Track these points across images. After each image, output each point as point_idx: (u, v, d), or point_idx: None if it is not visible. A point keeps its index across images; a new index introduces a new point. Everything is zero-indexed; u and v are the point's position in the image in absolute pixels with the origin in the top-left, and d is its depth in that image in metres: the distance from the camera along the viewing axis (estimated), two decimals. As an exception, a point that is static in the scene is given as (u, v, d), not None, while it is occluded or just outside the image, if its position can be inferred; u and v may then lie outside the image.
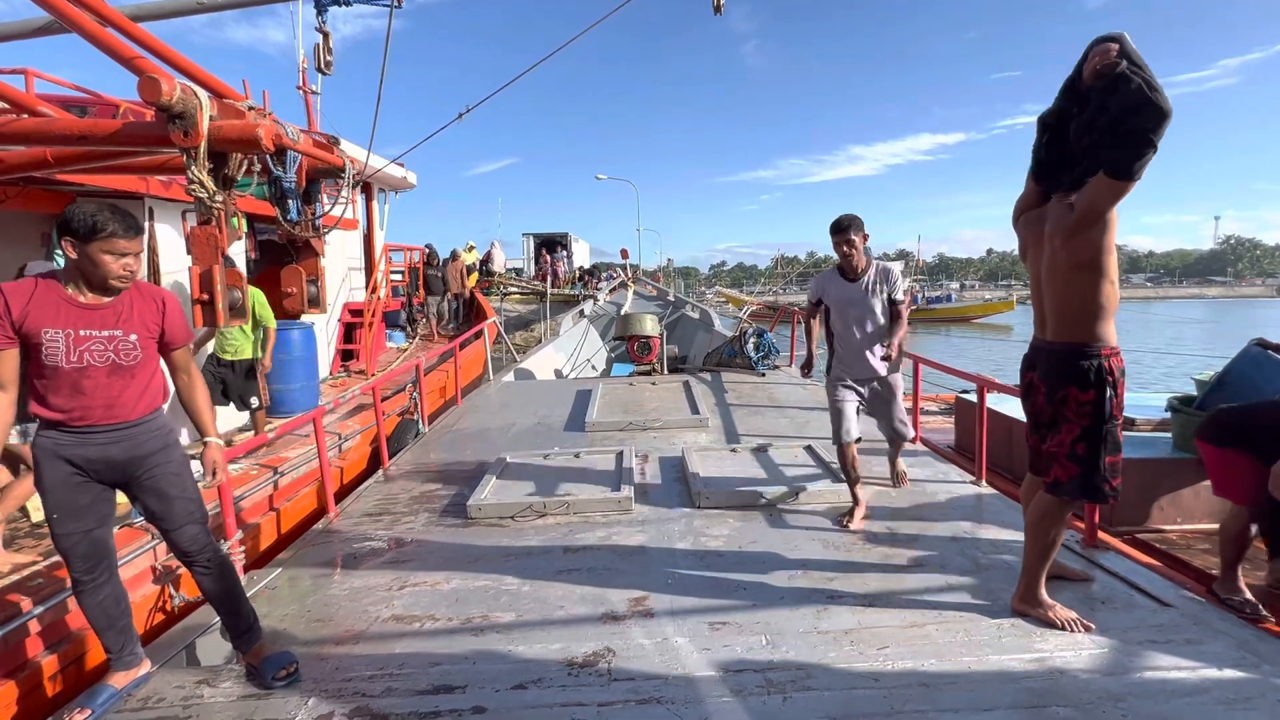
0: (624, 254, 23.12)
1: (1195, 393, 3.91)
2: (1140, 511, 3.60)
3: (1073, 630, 2.34)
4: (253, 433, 5.01)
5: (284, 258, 3.36)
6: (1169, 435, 3.91)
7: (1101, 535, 3.18)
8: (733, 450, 4.65)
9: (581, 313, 13.51)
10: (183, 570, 3.12)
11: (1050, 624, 2.37)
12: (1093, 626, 2.36)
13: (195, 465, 2.34)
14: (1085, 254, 2.20)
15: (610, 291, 15.62)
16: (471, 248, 18.15)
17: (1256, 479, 2.76)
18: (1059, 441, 2.32)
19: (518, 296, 19.93)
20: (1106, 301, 2.24)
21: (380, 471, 4.67)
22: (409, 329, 10.68)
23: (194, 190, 2.44)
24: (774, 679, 2.11)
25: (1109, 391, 2.23)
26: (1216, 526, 2.95)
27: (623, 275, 17.88)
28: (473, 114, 4.99)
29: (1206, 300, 69.28)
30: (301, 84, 8.56)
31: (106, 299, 2.08)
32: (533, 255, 26.22)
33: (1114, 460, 2.27)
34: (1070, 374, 2.28)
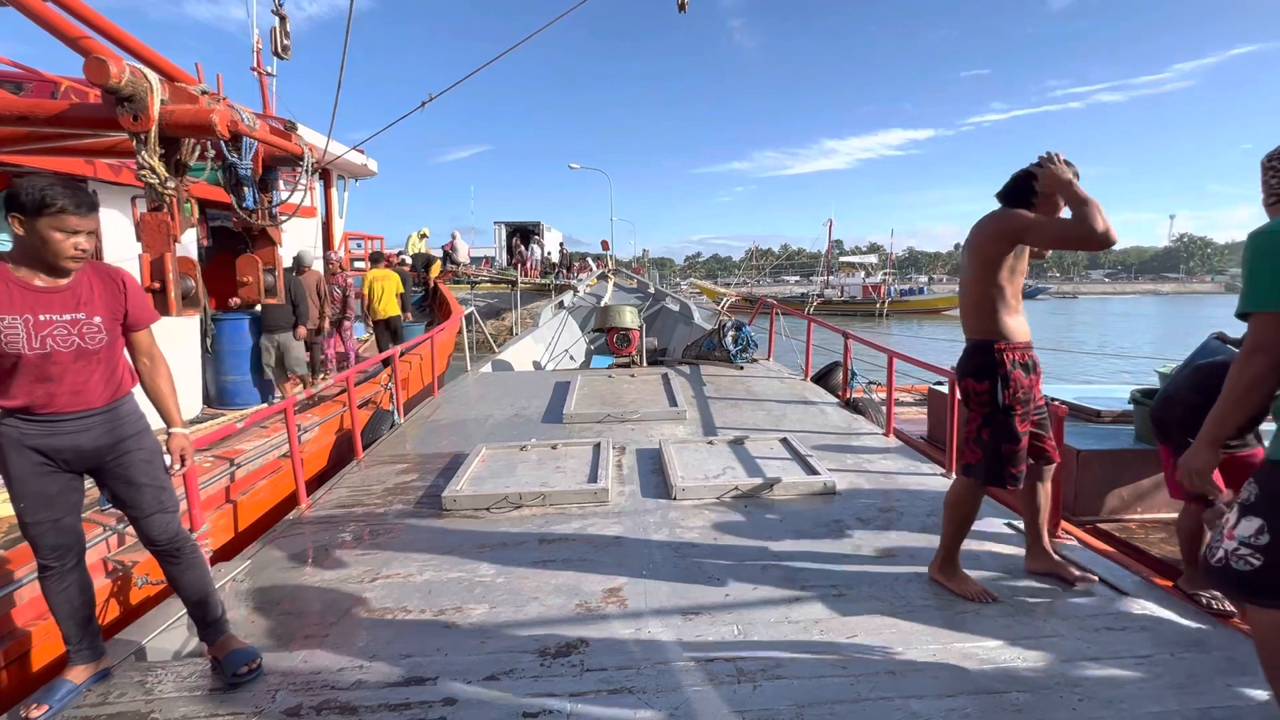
0: (604, 245, 23.15)
1: (1158, 385, 4.03)
2: (1102, 501, 3.72)
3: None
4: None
5: (237, 245, 3.25)
6: (1132, 427, 4.05)
7: (1064, 525, 3.28)
8: (710, 443, 4.67)
9: (561, 304, 13.46)
10: (143, 558, 3.04)
11: (960, 595, 2.57)
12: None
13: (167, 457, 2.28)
14: (985, 253, 2.44)
15: (590, 283, 15.60)
16: (424, 235, 14.76)
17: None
18: (969, 430, 2.57)
19: (488, 285, 19.64)
20: (999, 297, 2.43)
21: (354, 462, 4.61)
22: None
23: (144, 176, 2.34)
24: (745, 668, 2.14)
25: (999, 383, 2.43)
26: (1175, 516, 2.99)
27: (596, 267, 17.82)
28: (442, 100, 4.86)
29: (1160, 296, 71.58)
30: (256, 65, 8.29)
31: (63, 281, 1.99)
32: (504, 244, 25.96)
33: (1010, 449, 2.45)
34: (967, 366, 2.53)
